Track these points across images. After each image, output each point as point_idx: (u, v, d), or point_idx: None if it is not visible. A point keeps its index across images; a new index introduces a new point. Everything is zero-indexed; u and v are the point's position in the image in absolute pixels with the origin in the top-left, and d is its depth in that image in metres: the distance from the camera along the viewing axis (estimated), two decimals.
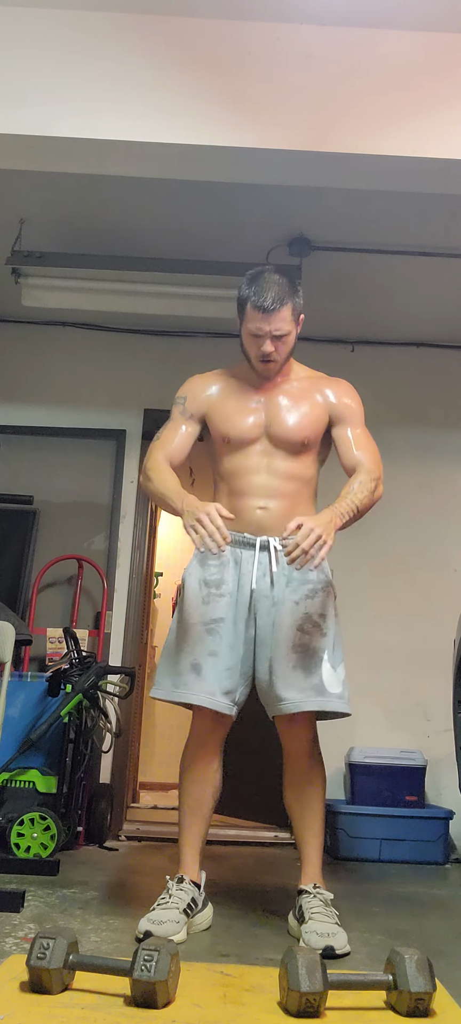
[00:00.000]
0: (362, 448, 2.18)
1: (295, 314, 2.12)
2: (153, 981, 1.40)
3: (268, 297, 2.05)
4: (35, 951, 1.46)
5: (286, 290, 2.08)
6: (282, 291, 2.07)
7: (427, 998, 1.45)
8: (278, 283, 2.07)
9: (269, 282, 2.07)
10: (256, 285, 2.08)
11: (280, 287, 2.07)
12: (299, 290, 2.13)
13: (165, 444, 2.21)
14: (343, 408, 2.24)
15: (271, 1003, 1.48)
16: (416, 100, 2.68)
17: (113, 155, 2.76)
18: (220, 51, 2.72)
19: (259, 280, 2.09)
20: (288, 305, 2.08)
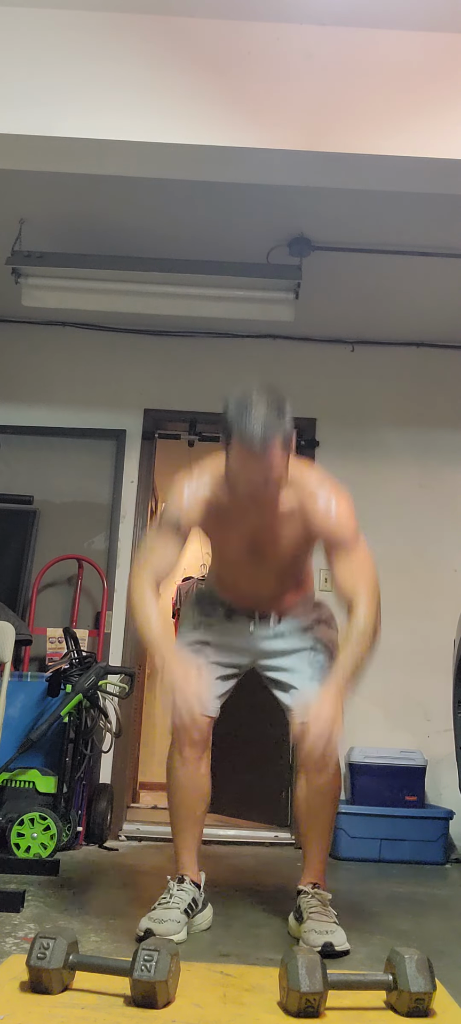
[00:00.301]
0: (356, 575, 2.01)
1: (286, 445, 1.90)
2: (153, 981, 1.40)
3: (256, 436, 1.83)
4: (35, 951, 1.46)
5: (274, 422, 1.86)
6: (271, 426, 1.85)
7: (427, 998, 1.45)
8: (266, 416, 1.85)
9: (257, 415, 1.84)
10: (243, 417, 1.85)
11: (268, 420, 1.84)
12: (287, 414, 1.91)
13: (154, 563, 2.07)
14: (331, 535, 2.04)
15: (271, 1003, 1.48)
16: (416, 100, 2.68)
17: (113, 155, 2.76)
18: (220, 51, 2.72)
19: (246, 411, 1.85)
20: (277, 439, 1.86)
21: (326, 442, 4.34)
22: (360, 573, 2.01)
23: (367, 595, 1.97)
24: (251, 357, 4.44)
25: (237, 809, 4.09)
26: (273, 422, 1.85)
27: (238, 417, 1.85)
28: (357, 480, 4.25)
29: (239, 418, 1.85)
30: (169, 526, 2.06)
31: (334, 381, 4.42)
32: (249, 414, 1.83)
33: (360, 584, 1.98)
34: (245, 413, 1.84)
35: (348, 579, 1.99)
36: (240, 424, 1.84)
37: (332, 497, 2.04)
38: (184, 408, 4.39)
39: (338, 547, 2.02)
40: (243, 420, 1.84)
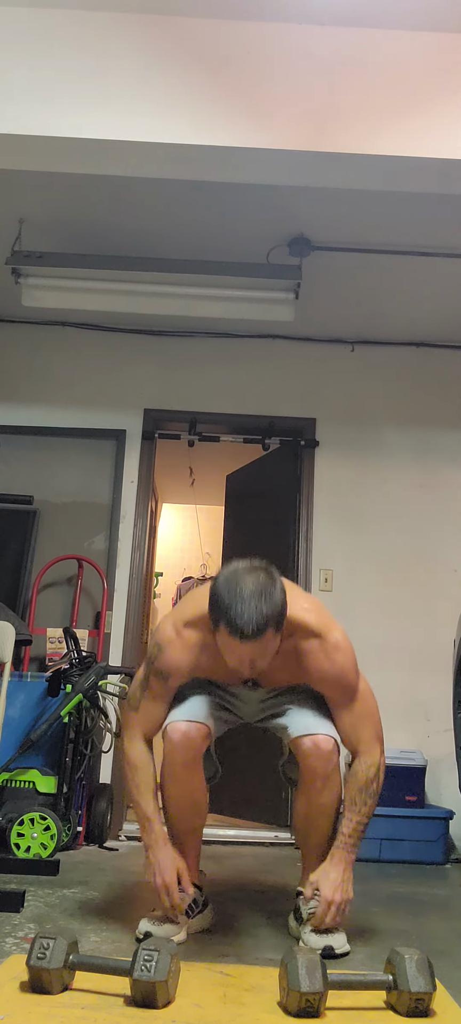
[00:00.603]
0: (359, 729, 1.96)
1: (277, 629, 1.77)
2: (153, 981, 1.40)
3: (246, 630, 1.70)
4: (35, 951, 1.46)
5: (265, 615, 1.71)
6: (261, 619, 1.70)
7: (427, 998, 1.45)
8: (256, 608, 1.70)
9: (246, 608, 1.70)
10: (231, 610, 1.71)
11: (258, 614, 1.70)
12: (278, 598, 1.76)
13: (146, 721, 1.99)
14: (330, 694, 1.98)
15: (271, 1003, 1.48)
16: (416, 100, 2.68)
17: (113, 155, 2.76)
18: (220, 51, 2.72)
19: (234, 603, 1.71)
20: (268, 631, 1.73)
21: (326, 442, 4.35)
22: (362, 725, 1.97)
23: (370, 748, 1.95)
24: (251, 357, 4.44)
25: (237, 809, 4.09)
26: (263, 614, 1.71)
27: (226, 608, 1.71)
28: (357, 480, 4.30)
29: (227, 609, 1.71)
30: (160, 686, 1.96)
31: (334, 381, 4.42)
32: (237, 606, 1.70)
33: (363, 737, 1.96)
34: (233, 605, 1.70)
35: (351, 732, 1.97)
36: (228, 616, 1.71)
37: (329, 655, 1.92)
38: (184, 408, 4.39)
39: (339, 703, 1.97)
40: (231, 612, 1.70)
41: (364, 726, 1.96)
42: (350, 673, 1.95)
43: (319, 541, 4.22)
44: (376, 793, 1.93)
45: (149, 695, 1.98)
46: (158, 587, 6.60)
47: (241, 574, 1.75)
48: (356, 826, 1.92)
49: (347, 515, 4.25)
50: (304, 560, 4.19)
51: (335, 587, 4.14)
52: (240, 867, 3.16)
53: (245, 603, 1.70)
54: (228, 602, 1.71)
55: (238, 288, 3.44)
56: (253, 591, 1.71)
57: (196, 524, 7.07)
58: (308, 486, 4.29)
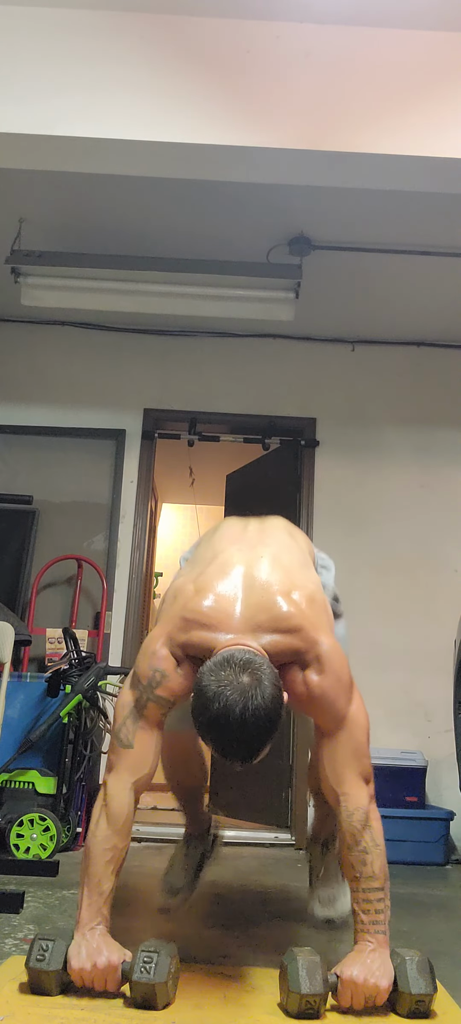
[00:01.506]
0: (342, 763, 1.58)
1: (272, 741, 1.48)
2: (153, 983, 1.39)
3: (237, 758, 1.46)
4: (34, 953, 1.46)
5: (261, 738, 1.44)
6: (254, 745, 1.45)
7: (428, 999, 1.44)
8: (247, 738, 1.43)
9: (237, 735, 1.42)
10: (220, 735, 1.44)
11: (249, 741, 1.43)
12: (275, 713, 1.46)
13: (141, 763, 1.62)
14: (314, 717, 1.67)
15: (271, 1004, 1.47)
16: (416, 99, 2.67)
17: (113, 155, 2.76)
18: (220, 50, 2.72)
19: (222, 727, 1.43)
20: (263, 751, 1.47)
21: (326, 442, 4.34)
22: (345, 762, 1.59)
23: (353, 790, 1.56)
24: (251, 357, 4.44)
25: (237, 810, 4.08)
26: (255, 744, 1.44)
27: (213, 739, 1.45)
28: (357, 480, 4.29)
29: (215, 741, 1.45)
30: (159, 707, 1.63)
31: (334, 381, 4.42)
32: (225, 739, 1.43)
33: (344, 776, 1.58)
34: (220, 737, 1.43)
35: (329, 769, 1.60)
36: (217, 747, 1.46)
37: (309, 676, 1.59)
38: (184, 408, 4.39)
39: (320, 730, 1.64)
40: (219, 746, 1.45)
41: (347, 763, 1.57)
42: (333, 694, 1.59)
43: (319, 541, 4.17)
44: (375, 847, 1.52)
45: (143, 726, 1.62)
46: (158, 587, 6.59)
47: (227, 690, 1.42)
48: (366, 896, 1.50)
49: (347, 515, 4.24)
50: None
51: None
52: (240, 868, 3.15)
53: (234, 732, 1.41)
54: (215, 728, 1.43)
55: (238, 288, 3.44)
56: (242, 712, 1.40)
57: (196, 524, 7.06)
58: (308, 486, 4.29)
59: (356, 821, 1.53)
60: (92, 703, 3.27)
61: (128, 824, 1.58)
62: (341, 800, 1.55)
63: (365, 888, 1.50)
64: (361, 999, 1.43)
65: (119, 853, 1.55)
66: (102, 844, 1.54)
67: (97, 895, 1.51)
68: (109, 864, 1.53)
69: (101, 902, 1.51)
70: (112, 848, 1.54)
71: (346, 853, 1.54)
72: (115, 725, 1.66)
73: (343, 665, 1.62)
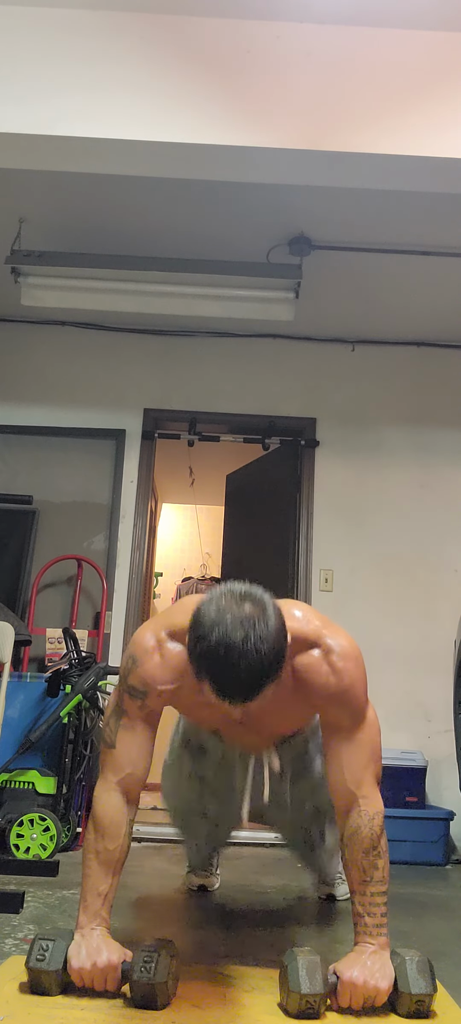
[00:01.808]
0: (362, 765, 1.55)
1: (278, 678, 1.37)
2: (153, 983, 1.39)
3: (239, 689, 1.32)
4: (34, 953, 1.46)
5: (264, 667, 1.32)
6: (258, 673, 1.31)
7: (428, 1000, 1.44)
8: (250, 662, 1.30)
9: (239, 660, 1.30)
10: (219, 660, 1.31)
11: (253, 666, 1.30)
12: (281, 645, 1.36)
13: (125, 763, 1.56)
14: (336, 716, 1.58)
15: (271, 1004, 1.47)
16: (416, 99, 2.67)
17: (113, 155, 2.76)
18: (220, 50, 2.72)
19: (223, 650, 1.30)
20: (268, 686, 1.34)
21: (326, 442, 4.34)
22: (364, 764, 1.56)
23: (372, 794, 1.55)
24: (251, 357, 4.44)
25: None
26: (258, 672, 1.31)
27: (211, 666, 1.32)
28: (357, 480, 4.29)
29: (212, 668, 1.32)
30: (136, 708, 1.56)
31: (334, 381, 4.42)
32: (225, 665, 1.30)
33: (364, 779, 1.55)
34: (220, 662, 1.30)
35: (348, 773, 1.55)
36: (215, 678, 1.32)
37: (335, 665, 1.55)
38: (184, 408, 4.39)
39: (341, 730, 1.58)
40: (218, 673, 1.31)
41: (366, 766, 1.55)
42: (360, 688, 1.56)
43: (319, 541, 4.22)
44: (386, 851, 1.53)
45: (126, 724, 1.57)
46: (158, 587, 6.59)
47: (227, 616, 1.32)
48: (373, 899, 1.50)
49: (347, 515, 4.24)
50: (304, 560, 4.18)
51: (335, 587, 4.14)
52: (240, 868, 3.15)
53: (234, 662, 1.29)
54: (213, 657, 1.31)
55: (238, 287, 3.44)
56: (243, 641, 1.29)
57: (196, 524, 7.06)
58: (308, 486, 4.29)
59: (376, 826, 1.52)
60: (92, 703, 3.27)
61: (115, 825, 1.53)
62: (360, 803, 1.53)
63: (373, 892, 1.50)
64: (361, 1000, 1.43)
65: (110, 855, 1.52)
66: (92, 846, 1.53)
67: (94, 896, 1.51)
68: (102, 866, 1.51)
69: (99, 903, 1.50)
70: (103, 851, 1.52)
71: (361, 857, 1.51)
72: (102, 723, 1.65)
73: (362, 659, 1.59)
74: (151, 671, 1.55)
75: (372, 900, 1.50)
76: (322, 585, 4.15)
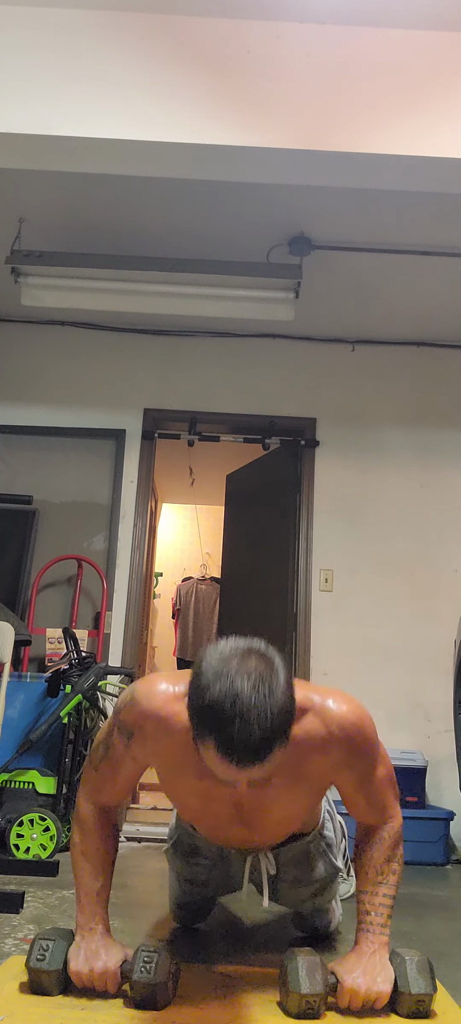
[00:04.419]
0: (385, 794, 1.58)
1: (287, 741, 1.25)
2: (153, 983, 1.39)
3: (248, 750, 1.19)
4: (34, 953, 1.46)
5: (275, 727, 1.20)
6: (268, 733, 1.19)
7: (428, 1000, 1.44)
8: (261, 721, 1.18)
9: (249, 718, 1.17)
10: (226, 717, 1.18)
11: (264, 725, 1.18)
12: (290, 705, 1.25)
13: (100, 788, 1.54)
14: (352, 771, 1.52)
15: (271, 1004, 1.47)
16: (416, 99, 2.67)
17: (113, 155, 2.76)
18: (220, 50, 2.72)
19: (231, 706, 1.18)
20: (277, 749, 1.22)
21: (326, 442, 4.34)
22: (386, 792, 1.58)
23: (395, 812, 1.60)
24: (251, 357, 4.44)
25: None
26: (269, 732, 1.19)
27: (216, 722, 1.19)
28: (357, 480, 4.29)
29: (218, 724, 1.19)
30: (121, 745, 1.49)
31: (334, 381, 4.42)
32: (233, 722, 1.17)
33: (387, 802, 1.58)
34: (227, 719, 1.18)
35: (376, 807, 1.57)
36: (221, 735, 1.19)
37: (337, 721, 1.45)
38: (184, 408, 4.39)
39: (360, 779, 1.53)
40: (225, 730, 1.18)
41: (388, 793, 1.57)
42: (367, 726, 1.48)
43: (319, 541, 4.22)
44: (402, 860, 1.58)
45: (111, 756, 1.51)
46: (158, 587, 6.60)
47: (234, 669, 1.20)
48: (383, 900, 1.52)
49: (347, 515, 4.24)
50: (304, 560, 4.18)
51: (335, 587, 4.14)
52: None
53: (243, 718, 1.17)
54: (219, 715, 1.18)
55: (238, 287, 3.44)
56: (253, 699, 1.18)
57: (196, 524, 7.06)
58: (308, 486, 4.29)
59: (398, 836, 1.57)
60: (92, 703, 3.27)
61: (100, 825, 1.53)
62: (387, 822, 1.58)
63: (385, 894, 1.53)
64: (361, 1001, 1.43)
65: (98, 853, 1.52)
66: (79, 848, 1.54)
67: (89, 896, 1.51)
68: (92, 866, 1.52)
69: (94, 902, 1.50)
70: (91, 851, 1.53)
71: (382, 862, 1.54)
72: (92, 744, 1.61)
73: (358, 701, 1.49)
74: (145, 715, 1.45)
75: (382, 901, 1.52)
76: (322, 585, 4.15)
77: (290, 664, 1.35)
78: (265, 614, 4.33)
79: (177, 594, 6.81)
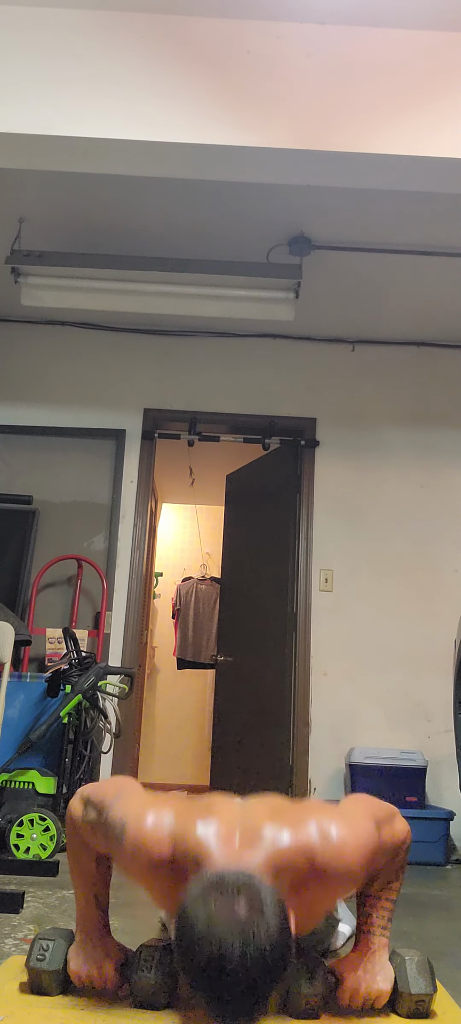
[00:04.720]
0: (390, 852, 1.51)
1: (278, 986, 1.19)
2: (153, 983, 1.39)
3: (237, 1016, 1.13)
4: (34, 952, 1.46)
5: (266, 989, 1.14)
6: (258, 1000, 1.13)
7: (428, 1000, 1.44)
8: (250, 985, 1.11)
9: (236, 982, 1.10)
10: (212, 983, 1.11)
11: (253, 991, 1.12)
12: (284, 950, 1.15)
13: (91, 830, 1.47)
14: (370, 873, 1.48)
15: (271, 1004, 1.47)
16: (416, 98, 2.67)
17: (113, 155, 2.76)
18: (220, 50, 2.72)
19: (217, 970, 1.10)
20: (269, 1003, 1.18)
21: (326, 442, 4.34)
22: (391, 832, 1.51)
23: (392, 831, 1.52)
24: (251, 357, 4.44)
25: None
26: (263, 988, 1.13)
27: (205, 986, 1.12)
28: (357, 480, 4.29)
29: (207, 988, 1.12)
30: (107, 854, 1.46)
31: (334, 381, 4.42)
32: (223, 987, 1.10)
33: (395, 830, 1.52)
34: (215, 984, 1.11)
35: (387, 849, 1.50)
36: (210, 1000, 1.13)
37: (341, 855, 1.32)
38: (184, 408, 4.39)
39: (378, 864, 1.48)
40: (212, 999, 1.12)
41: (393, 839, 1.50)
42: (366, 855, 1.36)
43: (319, 541, 4.22)
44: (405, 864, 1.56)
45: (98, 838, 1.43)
46: (158, 587, 6.59)
47: (220, 930, 1.11)
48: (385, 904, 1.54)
49: (347, 515, 4.25)
50: (304, 560, 4.18)
51: (335, 587, 4.14)
52: None
53: (234, 988, 1.09)
54: (207, 982, 1.11)
55: (238, 287, 3.44)
56: (242, 966, 1.09)
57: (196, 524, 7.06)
58: (308, 486, 4.29)
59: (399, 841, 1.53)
60: (92, 703, 3.27)
61: None
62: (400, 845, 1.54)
63: (387, 898, 1.54)
64: (361, 1001, 1.43)
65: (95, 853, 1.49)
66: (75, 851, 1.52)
67: (88, 897, 1.51)
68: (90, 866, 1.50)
69: (93, 903, 1.51)
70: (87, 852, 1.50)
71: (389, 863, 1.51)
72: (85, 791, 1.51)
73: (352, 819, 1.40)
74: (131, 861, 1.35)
75: (384, 905, 1.53)
76: (322, 585, 4.15)
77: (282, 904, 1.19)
78: (265, 614, 4.33)
79: (177, 594, 6.80)
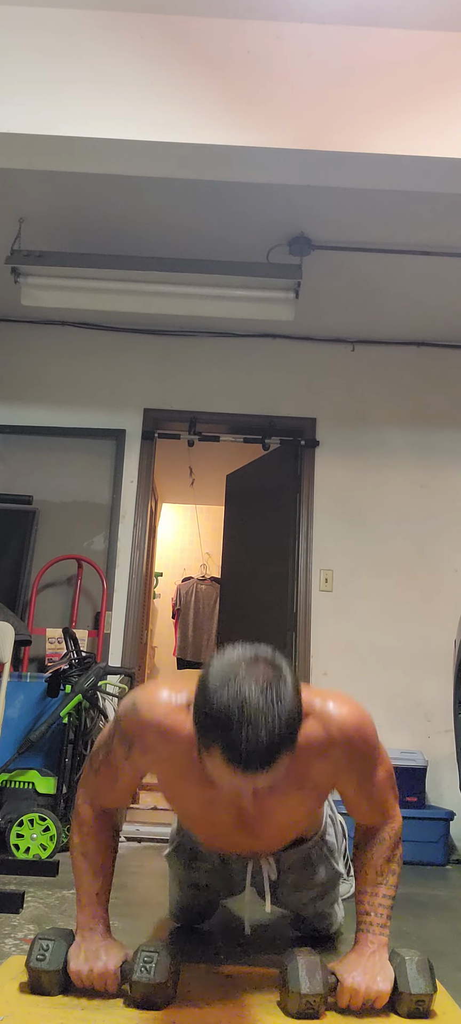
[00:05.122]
0: (385, 794, 1.58)
1: (294, 749, 1.24)
2: (153, 983, 1.39)
3: (254, 754, 1.18)
4: (34, 953, 1.46)
5: (283, 733, 1.19)
6: (276, 738, 1.18)
7: (428, 1000, 1.44)
8: (268, 726, 1.17)
9: (256, 722, 1.17)
10: (234, 722, 1.17)
11: (271, 730, 1.18)
12: (298, 712, 1.25)
13: (100, 792, 1.54)
14: (353, 774, 1.53)
15: (271, 1004, 1.47)
16: (416, 98, 2.67)
17: (113, 155, 2.76)
18: (220, 50, 2.72)
19: (238, 711, 1.17)
20: (284, 755, 1.21)
21: (326, 442, 4.34)
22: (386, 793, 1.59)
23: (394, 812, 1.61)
24: (251, 357, 4.44)
25: None
26: (276, 737, 1.18)
27: (224, 727, 1.18)
28: (357, 480, 4.29)
29: (225, 729, 1.18)
30: (121, 754, 1.49)
31: (334, 381, 4.42)
32: (241, 728, 1.16)
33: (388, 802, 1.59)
34: (234, 724, 1.17)
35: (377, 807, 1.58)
36: (227, 740, 1.18)
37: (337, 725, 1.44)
38: (184, 408, 4.39)
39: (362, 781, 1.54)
40: (232, 735, 1.17)
41: (389, 793, 1.58)
42: (368, 733, 1.49)
43: (319, 541, 4.22)
44: (401, 861, 1.59)
45: (111, 762, 1.51)
46: (158, 587, 6.60)
47: (242, 675, 1.20)
48: (383, 901, 1.53)
49: (347, 515, 4.24)
50: (304, 560, 4.18)
51: (335, 587, 4.14)
52: None
53: (251, 723, 1.16)
54: (226, 719, 1.17)
55: (238, 287, 3.44)
56: (261, 703, 1.17)
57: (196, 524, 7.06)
58: (308, 486, 4.29)
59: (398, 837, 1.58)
60: (92, 703, 3.27)
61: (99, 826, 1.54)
62: (387, 822, 1.59)
63: (384, 895, 1.54)
64: (361, 1001, 1.43)
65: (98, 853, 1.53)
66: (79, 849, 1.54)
67: (89, 896, 1.51)
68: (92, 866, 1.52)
69: (95, 902, 1.51)
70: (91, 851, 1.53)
71: (382, 862, 1.55)
72: (93, 747, 1.60)
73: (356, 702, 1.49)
74: (146, 726, 1.44)
75: (381, 902, 1.53)
76: (322, 585, 4.15)
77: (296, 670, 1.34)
78: (265, 614, 4.33)
79: (177, 594, 6.81)
